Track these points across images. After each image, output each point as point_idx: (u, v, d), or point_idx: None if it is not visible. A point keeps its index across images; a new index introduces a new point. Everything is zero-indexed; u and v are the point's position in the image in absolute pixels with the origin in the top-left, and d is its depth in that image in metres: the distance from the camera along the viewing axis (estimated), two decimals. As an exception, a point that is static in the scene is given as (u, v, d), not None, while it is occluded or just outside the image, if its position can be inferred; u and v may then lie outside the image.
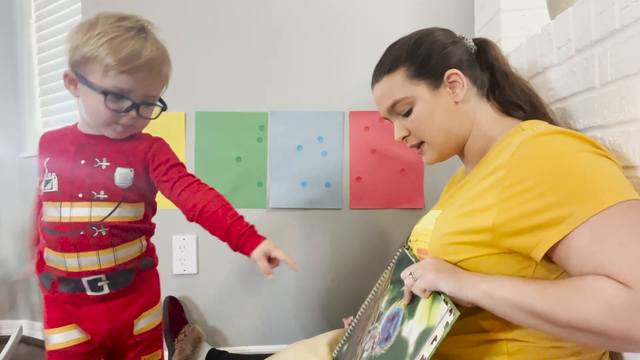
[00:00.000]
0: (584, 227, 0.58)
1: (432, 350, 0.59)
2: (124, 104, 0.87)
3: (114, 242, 0.92)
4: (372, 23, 1.53)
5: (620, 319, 0.52)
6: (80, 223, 0.89)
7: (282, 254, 0.92)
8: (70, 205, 0.90)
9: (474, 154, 0.84)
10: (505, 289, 0.61)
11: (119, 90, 0.85)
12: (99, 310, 0.94)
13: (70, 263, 0.90)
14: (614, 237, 0.56)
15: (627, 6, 0.68)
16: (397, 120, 0.87)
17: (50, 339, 0.95)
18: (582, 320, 0.55)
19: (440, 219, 0.78)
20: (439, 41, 0.83)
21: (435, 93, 0.81)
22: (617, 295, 0.53)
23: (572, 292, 0.56)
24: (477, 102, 0.83)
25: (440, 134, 0.83)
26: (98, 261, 0.91)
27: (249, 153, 1.54)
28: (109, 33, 0.84)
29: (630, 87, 0.69)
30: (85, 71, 0.85)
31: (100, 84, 0.84)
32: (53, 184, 0.91)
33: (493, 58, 0.85)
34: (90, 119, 0.90)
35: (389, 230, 1.55)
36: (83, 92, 0.88)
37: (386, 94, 0.85)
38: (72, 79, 0.88)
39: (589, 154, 0.64)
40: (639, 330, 0.52)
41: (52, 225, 0.91)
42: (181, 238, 1.52)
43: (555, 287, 0.58)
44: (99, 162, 0.92)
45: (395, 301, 0.76)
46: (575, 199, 0.59)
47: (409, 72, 0.82)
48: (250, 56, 1.53)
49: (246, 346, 1.55)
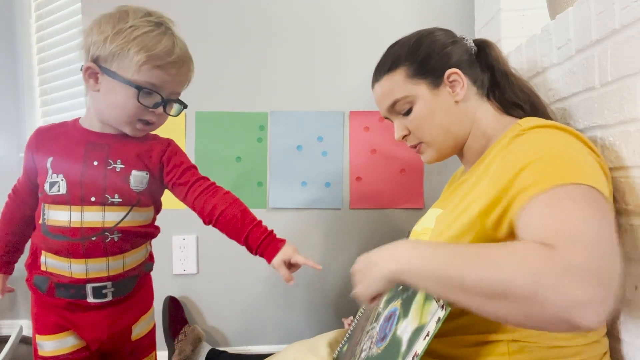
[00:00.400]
0: (544, 195, 0.57)
1: (424, 346, 0.59)
2: (153, 100, 0.85)
3: (124, 249, 0.89)
4: (372, 23, 1.53)
5: (531, 274, 0.47)
6: (92, 228, 0.85)
7: (303, 258, 0.90)
8: (81, 209, 0.85)
9: (473, 154, 0.84)
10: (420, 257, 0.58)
11: (151, 86, 0.83)
12: (99, 317, 0.90)
13: (76, 269, 0.86)
14: (564, 209, 0.54)
15: (627, 6, 0.68)
16: (397, 120, 0.87)
17: (44, 345, 0.90)
18: (492, 278, 0.50)
19: (440, 218, 0.78)
20: (439, 41, 0.83)
21: (436, 92, 0.82)
22: (534, 251, 0.50)
23: (489, 250, 0.54)
24: (477, 102, 0.83)
25: (440, 133, 0.83)
26: (107, 268, 0.88)
27: (249, 153, 1.53)
28: (141, 27, 0.81)
29: (630, 87, 0.69)
30: (114, 65, 0.82)
31: (133, 78, 0.82)
32: (61, 187, 0.85)
33: (493, 58, 0.85)
34: (113, 114, 0.86)
35: (389, 230, 1.55)
36: (107, 86, 0.84)
37: (386, 93, 0.85)
38: (93, 72, 0.84)
39: (578, 150, 0.64)
40: (550, 291, 0.46)
41: (59, 230, 0.86)
42: (181, 238, 1.52)
43: (474, 247, 0.56)
44: (113, 163, 0.88)
45: (393, 301, 0.76)
46: (545, 173, 0.59)
47: (410, 71, 0.82)
48: (250, 56, 1.53)
49: (246, 346, 1.55)
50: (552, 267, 0.47)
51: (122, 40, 0.80)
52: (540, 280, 0.47)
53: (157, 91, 0.84)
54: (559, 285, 0.46)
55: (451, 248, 0.58)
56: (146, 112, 0.86)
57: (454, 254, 0.56)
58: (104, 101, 0.86)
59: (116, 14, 0.84)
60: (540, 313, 0.47)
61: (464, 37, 0.87)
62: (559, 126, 0.68)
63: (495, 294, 0.50)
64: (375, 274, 0.64)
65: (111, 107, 0.86)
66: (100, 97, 0.86)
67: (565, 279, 0.46)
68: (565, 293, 0.45)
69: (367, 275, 0.66)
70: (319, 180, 1.54)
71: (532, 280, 0.47)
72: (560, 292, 0.46)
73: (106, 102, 0.86)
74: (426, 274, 0.57)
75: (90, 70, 0.84)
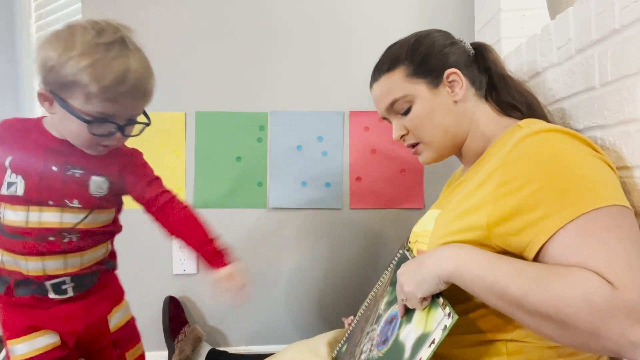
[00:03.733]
0: (572, 224, 0.58)
1: (429, 354, 0.59)
2: (108, 128, 0.82)
3: (83, 247, 0.89)
4: (372, 23, 1.53)
5: (595, 312, 0.51)
6: (50, 229, 0.84)
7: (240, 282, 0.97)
8: (39, 209, 0.84)
9: (472, 154, 0.84)
10: (477, 266, 0.61)
11: (103, 116, 0.79)
12: (73, 308, 0.90)
13: (33, 266, 0.85)
14: (599, 237, 0.56)
15: (627, 6, 0.68)
16: (396, 120, 0.87)
17: (15, 349, 0.88)
18: (554, 306, 0.53)
19: (438, 220, 0.78)
20: (437, 41, 0.83)
21: (435, 92, 0.82)
22: (599, 288, 0.52)
23: (552, 276, 0.55)
24: (476, 102, 0.83)
25: (439, 133, 0.83)
26: (64, 265, 0.87)
27: (249, 153, 1.53)
28: (89, 54, 0.75)
29: (630, 87, 0.69)
30: (64, 94, 0.78)
31: (83, 109, 0.78)
32: (18, 188, 0.84)
33: (490, 61, 0.86)
34: (70, 138, 0.85)
35: (389, 230, 1.55)
36: (60, 113, 0.80)
37: (385, 92, 0.85)
38: (47, 97, 0.80)
39: (585, 155, 0.64)
40: (609, 329, 0.51)
41: (14, 230, 0.84)
42: (181, 238, 1.52)
43: (535, 268, 0.58)
44: (72, 169, 0.86)
45: (394, 303, 0.76)
46: (567, 197, 0.59)
47: (409, 71, 0.82)
48: (250, 56, 1.53)
49: (246, 346, 1.55)
50: (615, 307, 0.51)
51: (71, 69, 0.74)
52: (603, 318, 0.51)
53: (111, 120, 0.81)
54: (620, 326, 0.51)
55: (512, 265, 0.59)
56: (102, 139, 0.83)
57: (517, 273, 0.58)
58: (60, 125, 0.84)
59: (65, 36, 0.77)
60: (595, 345, 0.53)
61: (461, 40, 0.87)
62: (563, 130, 0.67)
63: (554, 319, 0.54)
64: (426, 274, 0.65)
65: (67, 132, 0.84)
66: (57, 120, 0.84)
67: (627, 321, 0.51)
68: (624, 334, 0.51)
69: (416, 275, 0.66)
70: (319, 180, 1.54)
71: (595, 318, 0.51)
72: (620, 332, 0.51)
73: (62, 126, 0.84)
74: (482, 285, 0.60)
75: (44, 95, 0.80)
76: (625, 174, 0.71)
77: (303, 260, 1.55)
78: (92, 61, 0.75)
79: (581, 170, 0.61)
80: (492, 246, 0.66)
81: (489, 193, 0.67)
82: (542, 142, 0.65)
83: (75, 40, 0.76)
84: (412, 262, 0.70)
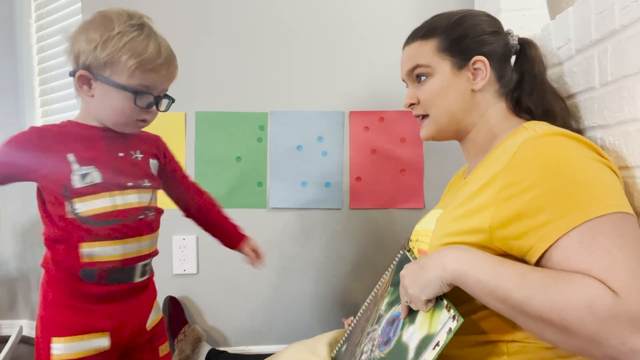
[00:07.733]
0: (575, 231, 0.58)
1: (434, 356, 0.59)
2: (147, 100, 0.90)
3: (155, 227, 0.98)
4: (371, 23, 1.52)
5: (598, 320, 0.52)
6: (137, 208, 0.92)
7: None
8: (120, 193, 0.90)
9: (476, 148, 0.84)
10: (480, 270, 0.61)
11: (144, 88, 0.88)
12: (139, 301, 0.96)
13: (130, 248, 0.91)
14: (602, 245, 0.56)
15: (627, 6, 0.68)
16: (412, 86, 0.87)
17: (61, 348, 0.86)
18: (557, 312, 0.54)
19: (440, 220, 0.78)
20: (480, 26, 0.82)
21: (456, 73, 0.81)
22: (602, 296, 0.53)
23: (555, 282, 0.56)
24: (494, 98, 0.82)
25: (445, 114, 0.83)
26: (151, 245, 0.96)
27: (249, 153, 1.53)
28: (127, 33, 0.85)
29: (630, 87, 0.69)
30: (107, 72, 0.85)
31: (127, 83, 0.86)
32: (95, 176, 0.88)
33: (529, 60, 0.84)
34: (111, 117, 0.90)
35: (389, 230, 1.55)
36: (102, 92, 0.87)
37: (412, 56, 0.85)
38: (87, 79, 0.87)
39: (589, 160, 0.64)
40: (611, 336, 0.52)
41: (107, 216, 0.87)
42: (181, 238, 1.52)
43: (538, 274, 0.58)
44: (135, 154, 0.95)
45: (396, 304, 0.76)
46: (570, 204, 0.59)
47: (441, 45, 0.82)
48: (250, 56, 1.53)
49: (246, 346, 1.55)
50: (617, 315, 0.52)
51: (112, 48, 0.84)
52: (605, 326, 0.52)
53: (150, 92, 0.89)
54: (621, 334, 0.52)
55: (515, 269, 0.59)
56: (142, 112, 0.90)
57: (520, 277, 0.58)
58: (99, 106, 0.89)
59: (101, 21, 0.86)
60: (596, 351, 0.53)
61: (509, 32, 0.85)
62: (567, 134, 0.66)
63: (557, 325, 0.55)
64: (430, 276, 0.65)
65: (108, 111, 0.89)
66: (95, 102, 0.89)
67: (629, 329, 0.51)
68: (625, 342, 0.51)
69: (420, 278, 0.66)
70: (319, 180, 1.54)
71: (597, 325, 0.52)
72: (621, 340, 0.52)
73: (102, 106, 0.89)
74: (485, 289, 0.60)
75: (84, 78, 0.87)
76: (626, 174, 0.71)
77: (303, 261, 1.55)
78: (131, 37, 0.85)
79: (585, 176, 0.61)
80: (493, 249, 0.66)
81: (491, 196, 0.66)
82: (546, 146, 0.65)
83: (113, 22, 0.85)
84: (415, 263, 0.70)
